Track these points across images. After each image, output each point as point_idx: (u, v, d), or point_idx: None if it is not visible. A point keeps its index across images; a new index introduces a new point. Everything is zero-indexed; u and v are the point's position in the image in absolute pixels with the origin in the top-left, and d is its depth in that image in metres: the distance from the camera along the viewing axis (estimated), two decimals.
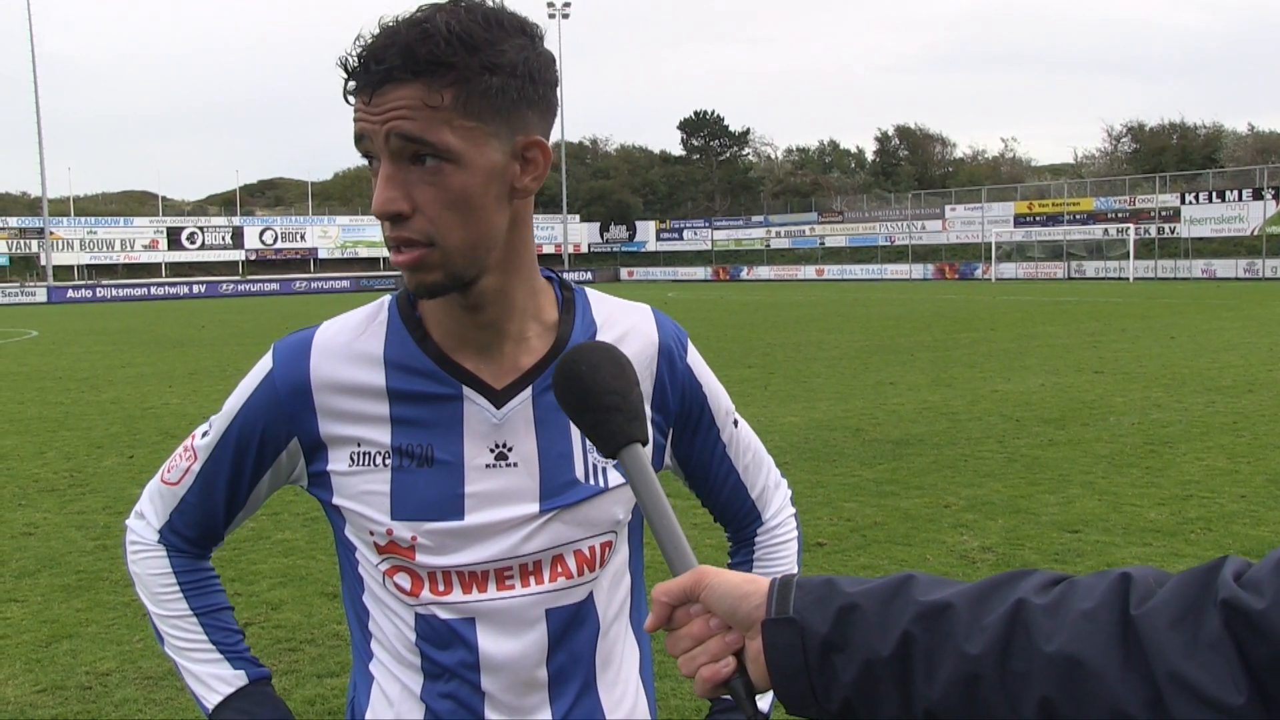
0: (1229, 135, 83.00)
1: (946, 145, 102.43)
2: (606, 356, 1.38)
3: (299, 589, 7.21)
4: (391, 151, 1.49)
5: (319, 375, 1.67)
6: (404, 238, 1.52)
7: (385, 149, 1.49)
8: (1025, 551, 7.67)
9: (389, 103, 1.47)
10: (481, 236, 1.56)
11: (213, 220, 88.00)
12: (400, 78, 1.46)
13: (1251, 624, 0.91)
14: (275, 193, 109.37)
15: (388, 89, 1.47)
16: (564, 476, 1.69)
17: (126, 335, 34.10)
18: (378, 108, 1.48)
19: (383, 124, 1.48)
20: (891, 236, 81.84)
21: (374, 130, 1.49)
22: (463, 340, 1.67)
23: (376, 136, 1.49)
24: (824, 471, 10.50)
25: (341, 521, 1.74)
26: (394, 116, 1.47)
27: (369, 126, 1.49)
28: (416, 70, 1.46)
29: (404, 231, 1.52)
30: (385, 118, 1.48)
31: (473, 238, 1.55)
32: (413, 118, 1.47)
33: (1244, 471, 10.04)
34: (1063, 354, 20.83)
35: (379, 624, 1.74)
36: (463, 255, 1.55)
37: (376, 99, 1.48)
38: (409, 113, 1.47)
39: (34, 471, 11.55)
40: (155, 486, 1.86)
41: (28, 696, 5.65)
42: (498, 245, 1.59)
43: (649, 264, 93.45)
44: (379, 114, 1.48)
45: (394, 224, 1.51)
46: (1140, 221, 67.99)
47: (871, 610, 1.09)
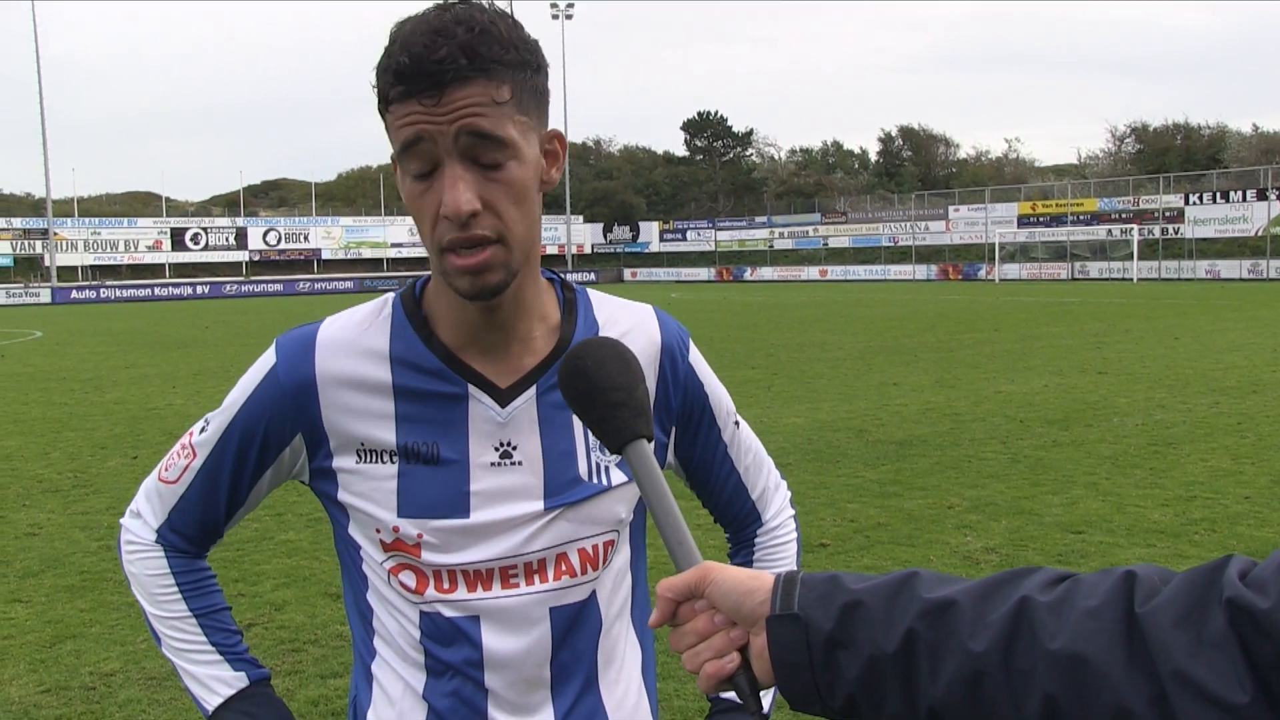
0: (1233, 135, 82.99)
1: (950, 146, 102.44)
2: (612, 352, 1.38)
3: (302, 590, 7.22)
4: (461, 150, 1.48)
5: (325, 370, 1.67)
6: (475, 236, 1.50)
7: (455, 149, 1.48)
8: (1029, 552, 7.67)
9: (458, 101, 1.46)
10: (533, 230, 1.59)
11: (216, 221, 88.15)
12: (466, 76, 1.45)
13: (1256, 623, 0.91)
14: (279, 193, 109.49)
15: (454, 88, 1.45)
16: (568, 475, 1.69)
17: (130, 336, 34.14)
18: (445, 108, 1.45)
19: (452, 123, 1.46)
20: (895, 237, 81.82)
21: (441, 130, 1.46)
22: (472, 339, 1.67)
23: (444, 137, 1.47)
24: (827, 472, 10.50)
25: (345, 519, 1.73)
26: (465, 114, 1.46)
27: (433, 127, 1.46)
28: (480, 67, 1.46)
29: (474, 230, 1.50)
30: (455, 116, 1.46)
31: (529, 232, 1.57)
32: (484, 114, 1.47)
33: (1248, 472, 10.03)
34: (1066, 355, 20.82)
35: (383, 622, 1.74)
36: (520, 250, 1.56)
37: (444, 100, 1.45)
38: (479, 110, 1.47)
39: (38, 472, 11.57)
40: (152, 485, 1.84)
41: (32, 697, 5.65)
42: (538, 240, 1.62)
43: (652, 265, 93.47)
44: (446, 114, 1.46)
45: (464, 224, 1.50)
46: (1144, 222, 67.93)
47: (876, 607, 1.09)
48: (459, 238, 1.50)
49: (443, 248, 1.52)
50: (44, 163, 74.27)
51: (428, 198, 1.51)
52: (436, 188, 1.50)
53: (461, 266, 1.52)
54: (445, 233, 1.51)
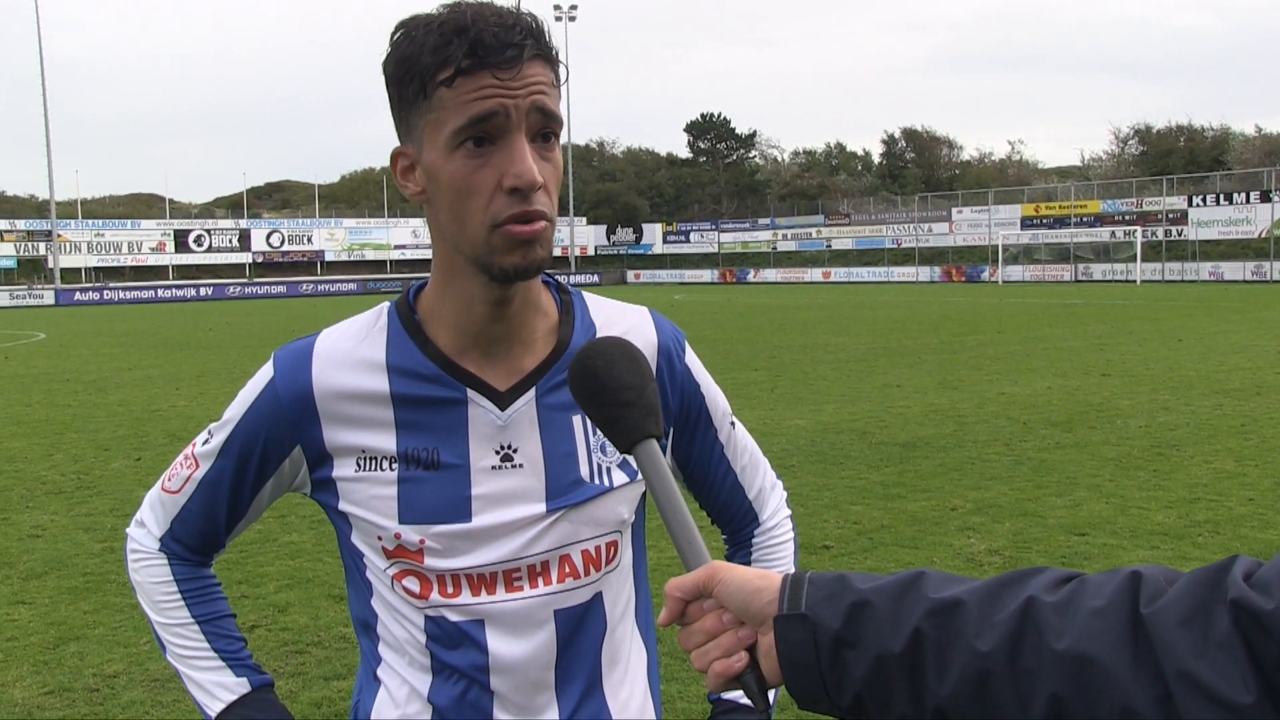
0: (1236, 137, 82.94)
1: (953, 148, 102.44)
2: (622, 352, 1.39)
3: (306, 591, 7.22)
4: (530, 125, 1.52)
5: (322, 383, 1.68)
6: (536, 211, 1.53)
7: (524, 122, 1.52)
8: (1032, 554, 7.66)
9: (530, 79, 1.51)
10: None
11: (220, 223, 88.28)
12: (536, 55, 1.52)
13: (1261, 624, 0.91)
14: (282, 195, 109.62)
15: (528, 65, 1.51)
16: (569, 476, 1.70)
17: (134, 338, 34.17)
18: (521, 82, 1.50)
19: (527, 97, 1.51)
20: (898, 239, 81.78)
21: (516, 104, 1.50)
22: (473, 341, 1.67)
23: (518, 110, 1.50)
24: (831, 474, 10.50)
25: (348, 527, 1.74)
26: (536, 91, 1.51)
27: (509, 100, 1.50)
28: (543, 52, 1.53)
29: (535, 205, 1.53)
30: (529, 91, 1.51)
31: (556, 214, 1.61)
32: (549, 94, 1.53)
33: (1252, 474, 10.02)
34: (1070, 356, 20.80)
35: (388, 627, 1.74)
36: (554, 231, 1.61)
37: (521, 74, 1.50)
38: (547, 88, 1.53)
39: (41, 473, 11.58)
40: (156, 495, 1.86)
41: (35, 698, 5.66)
42: None
43: (655, 266, 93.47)
44: (522, 87, 1.50)
45: (525, 198, 1.52)
46: (1147, 224, 67.87)
47: (883, 607, 1.09)
48: (521, 210, 1.52)
49: (497, 223, 1.53)
50: (48, 164, 74.55)
51: (484, 173, 1.52)
52: (496, 162, 1.52)
53: (520, 234, 1.53)
54: (505, 207, 1.52)
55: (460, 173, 1.53)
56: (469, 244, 1.57)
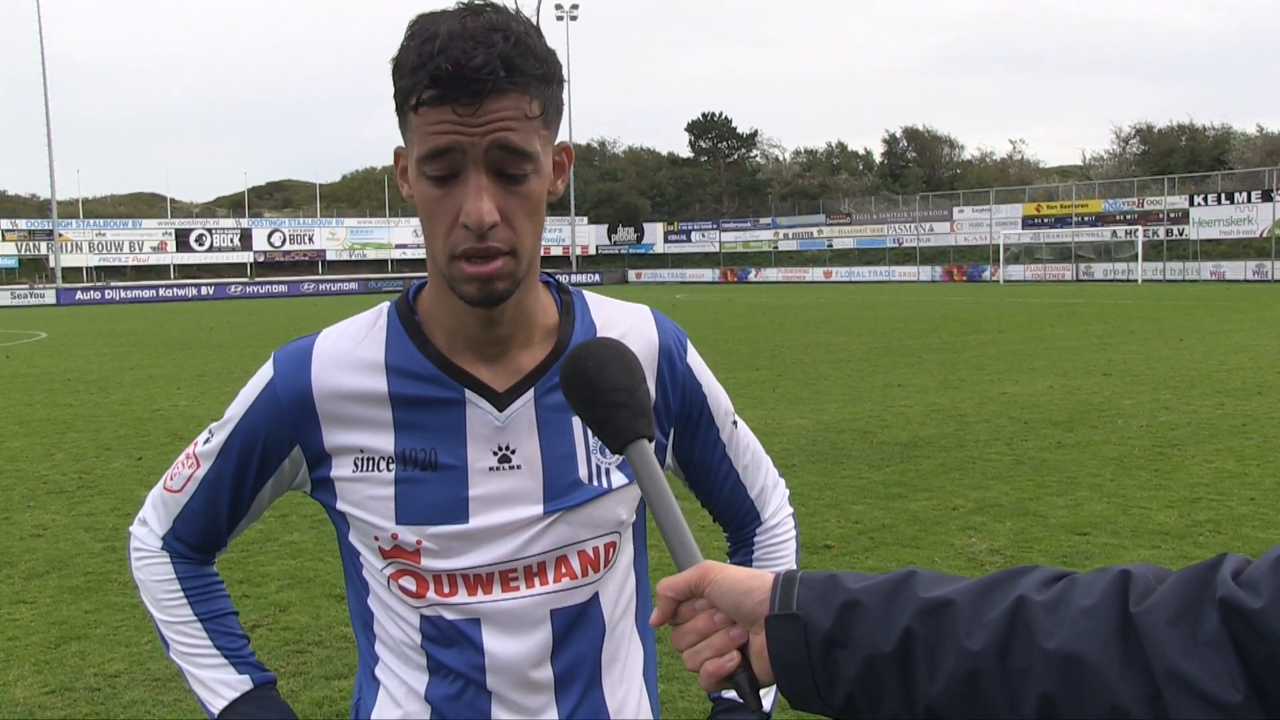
0: (1237, 137, 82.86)
1: (954, 147, 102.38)
2: (614, 353, 1.39)
3: (307, 591, 7.22)
4: (489, 163, 1.48)
5: (321, 383, 1.68)
6: (490, 249, 1.50)
7: (483, 160, 1.47)
8: (1034, 554, 7.66)
9: (493, 114, 1.45)
10: (539, 241, 1.60)
11: (221, 222, 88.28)
12: (503, 88, 1.44)
13: (1249, 622, 0.92)
14: (283, 195, 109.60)
15: (491, 100, 1.44)
16: (567, 478, 1.69)
17: (135, 337, 34.17)
18: (480, 119, 1.44)
19: (485, 135, 1.45)
20: (899, 238, 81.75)
21: (473, 142, 1.45)
22: (468, 344, 1.67)
23: (475, 148, 1.46)
24: (832, 474, 10.50)
25: (345, 527, 1.74)
26: (499, 128, 1.45)
27: (465, 139, 1.45)
28: (516, 81, 1.45)
29: (491, 242, 1.50)
30: (489, 129, 1.45)
31: (536, 243, 1.58)
32: (516, 129, 1.47)
33: (1253, 474, 10.02)
34: (1071, 356, 20.80)
35: (384, 626, 1.75)
36: (528, 261, 1.57)
37: (481, 110, 1.44)
38: (513, 124, 1.46)
39: (43, 473, 11.59)
40: (158, 494, 1.86)
41: (36, 698, 5.66)
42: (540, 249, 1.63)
43: (657, 266, 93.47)
44: (481, 125, 1.45)
45: (480, 236, 1.49)
46: (1149, 223, 67.84)
47: (874, 606, 1.10)
48: (474, 248, 1.50)
49: (454, 254, 1.52)
50: (49, 164, 74.55)
51: (446, 203, 1.51)
52: (456, 194, 1.50)
53: (473, 274, 1.52)
54: (461, 241, 1.51)
55: (425, 199, 1.53)
56: (436, 264, 1.58)
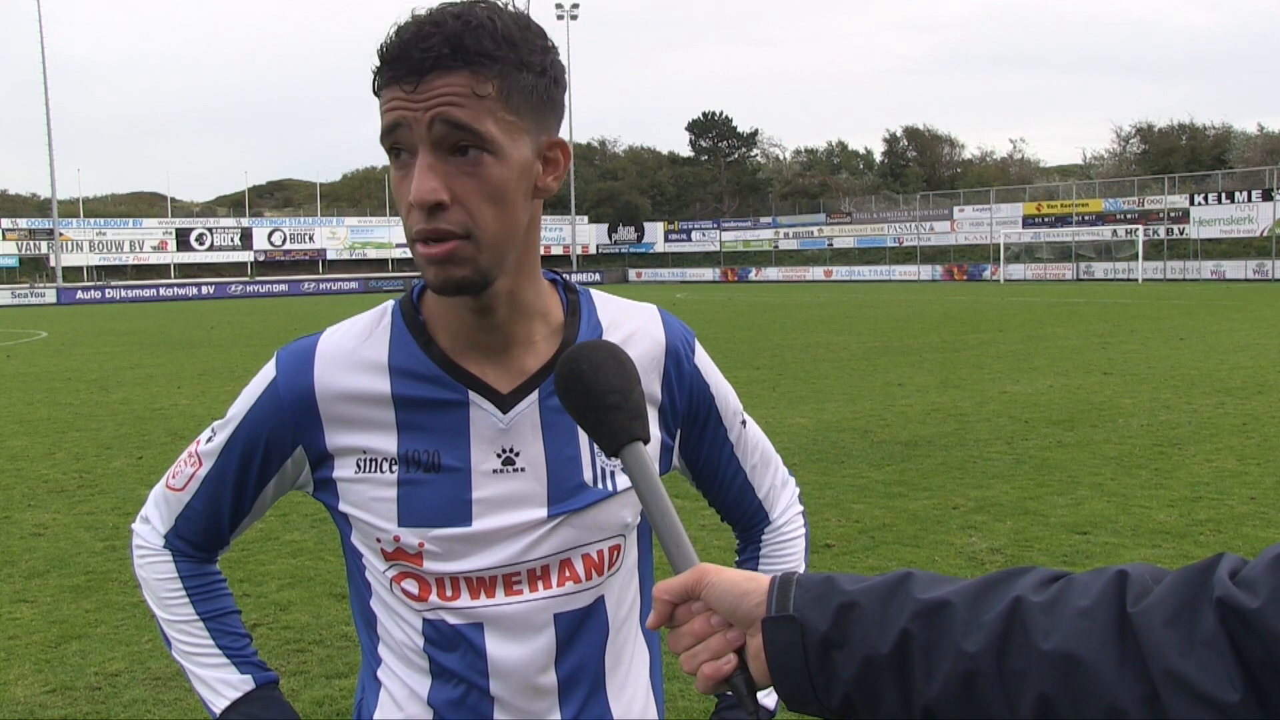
0: (1238, 136, 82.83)
1: (955, 146, 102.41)
2: (608, 355, 1.38)
3: (307, 590, 7.22)
4: (434, 139, 1.47)
5: (324, 384, 1.66)
6: (440, 229, 1.49)
7: (428, 137, 1.47)
8: (1034, 553, 7.66)
9: (436, 90, 1.45)
10: (510, 232, 1.56)
11: (221, 221, 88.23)
12: (448, 65, 1.45)
13: (1246, 622, 0.92)
14: (284, 194, 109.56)
15: (434, 77, 1.45)
16: (572, 481, 1.68)
17: (135, 336, 34.17)
18: (422, 94, 1.45)
19: (427, 110, 1.45)
20: (900, 238, 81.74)
21: (416, 118, 1.46)
22: (470, 344, 1.66)
23: (419, 124, 1.46)
24: (832, 473, 10.50)
25: (348, 528, 1.73)
26: (441, 103, 1.45)
27: (409, 114, 1.46)
28: (465, 59, 1.45)
29: (440, 223, 1.49)
30: (431, 104, 1.45)
31: (504, 232, 1.55)
32: (461, 104, 1.46)
33: (1254, 473, 10.02)
34: (1071, 355, 20.79)
35: (386, 628, 1.74)
36: (492, 250, 1.54)
37: (422, 87, 1.45)
38: (457, 99, 1.46)
39: (43, 472, 11.59)
40: (160, 492, 1.86)
41: (37, 697, 5.66)
42: (519, 244, 1.59)
43: (657, 265, 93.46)
44: (423, 100, 1.45)
45: (429, 215, 1.48)
46: (1149, 223, 67.82)
47: (871, 608, 1.10)
48: (425, 229, 1.50)
49: (412, 237, 1.53)
50: (49, 163, 74.60)
51: (403, 186, 1.51)
52: (411, 175, 1.50)
53: (426, 255, 1.51)
54: (416, 222, 1.50)
55: (393, 183, 1.54)
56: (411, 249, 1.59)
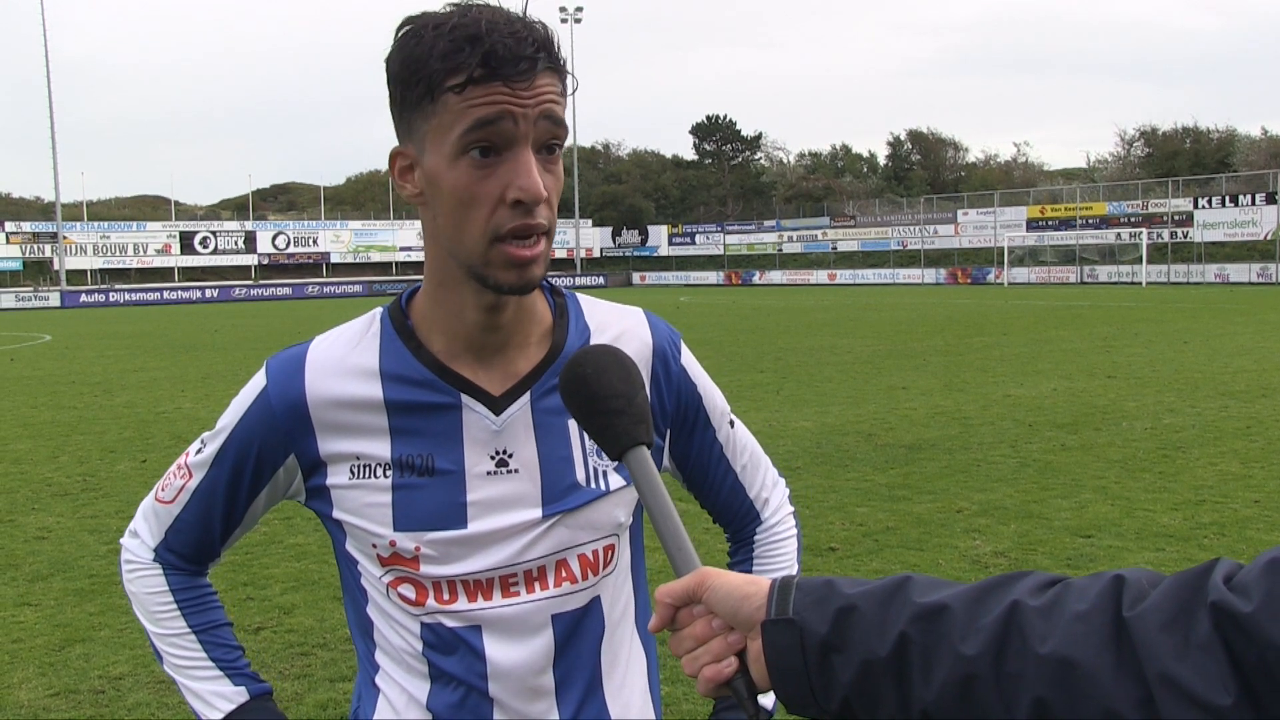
0: (1242, 139, 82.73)
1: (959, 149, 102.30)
2: (613, 360, 1.40)
3: (311, 593, 7.22)
4: (537, 135, 1.51)
5: (315, 392, 1.67)
6: (539, 225, 1.52)
7: (532, 132, 1.50)
8: (1038, 556, 7.65)
9: (541, 88, 1.50)
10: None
11: (225, 225, 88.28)
12: (548, 67, 1.51)
13: (1240, 626, 0.92)
14: (288, 197, 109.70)
15: (539, 76, 1.50)
16: (565, 481, 1.69)
17: (139, 340, 34.19)
18: (532, 91, 1.49)
19: (537, 106, 1.49)
20: (904, 241, 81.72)
21: (525, 113, 1.49)
22: (465, 346, 1.66)
23: (526, 119, 1.49)
24: (836, 476, 10.50)
25: (342, 535, 1.73)
26: (547, 100, 1.50)
27: (518, 109, 1.48)
28: (553, 63, 1.52)
29: (538, 219, 1.52)
30: (539, 100, 1.49)
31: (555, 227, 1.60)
32: (558, 103, 1.53)
33: (1258, 476, 10.01)
34: (1075, 358, 20.78)
35: (384, 634, 1.74)
36: (550, 245, 1.59)
37: (532, 84, 1.49)
38: (556, 98, 1.52)
39: (47, 476, 11.60)
40: (150, 505, 1.85)
41: (41, 700, 5.67)
42: None
43: (661, 268, 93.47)
44: (532, 97, 1.49)
45: (528, 212, 1.51)
46: (1153, 226, 67.80)
47: (870, 611, 1.10)
48: (523, 224, 1.51)
49: (498, 235, 1.52)
50: (53, 166, 74.63)
51: (488, 184, 1.50)
52: (501, 173, 1.50)
53: (517, 256, 1.52)
54: (507, 219, 1.51)
55: (463, 181, 1.51)
56: (466, 253, 1.55)
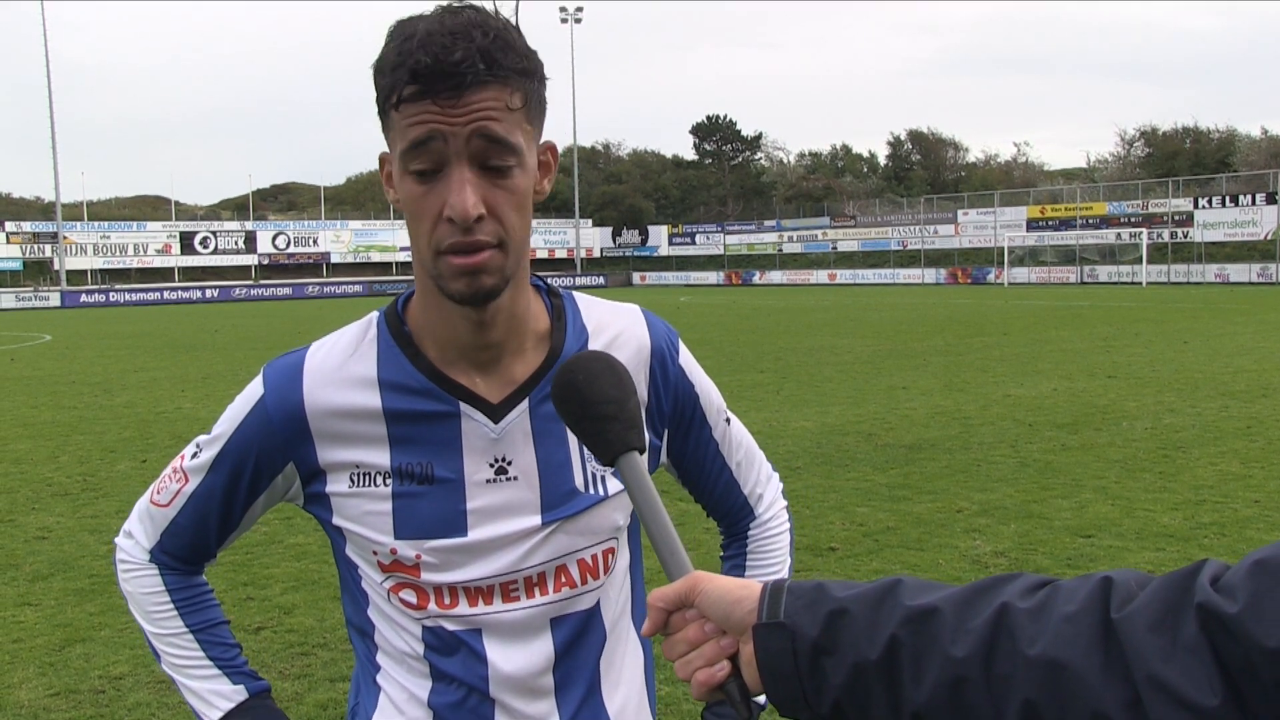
0: (1242, 139, 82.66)
1: (959, 149, 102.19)
2: (604, 366, 1.40)
3: (311, 593, 7.23)
4: (472, 153, 1.48)
5: (313, 401, 1.66)
6: (478, 241, 1.50)
7: (465, 151, 1.47)
8: (1038, 556, 7.65)
9: (474, 104, 1.46)
10: (528, 240, 1.59)
11: (225, 225, 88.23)
12: (484, 80, 1.45)
13: (1226, 627, 0.92)
14: (288, 197, 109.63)
15: (472, 91, 1.45)
16: (564, 487, 1.69)
17: (139, 340, 34.19)
18: (461, 109, 1.45)
19: (467, 124, 1.46)
20: (904, 241, 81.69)
21: (454, 132, 1.46)
22: (461, 354, 1.66)
23: (456, 138, 1.46)
24: (836, 476, 10.50)
25: (342, 541, 1.73)
26: (480, 117, 1.46)
27: (447, 128, 1.46)
28: (497, 73, 1.46)
29: (478, 235, 1.50)
30: (470, 118, 1.46)
31: (525, 238, 1.58)
32: (498, 119, 1.47)
33: (1258, 476, 10.01)
34: (1075, 359, 20.78)
35: (385, 636, 1.74)
36: (516, 257, 1.56)
37: (461, 101, 1.45)
38: (495, 114, 1.47)
39: (47, 475, 11.60)
40: (145, 507, 1.85)
41: (41, 700, 5.67)
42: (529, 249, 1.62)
43: (661, 268, 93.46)
44: (461, 115, 1.46)
45: (465, 229, 1.49)
46: (1153, 226, 67.78)
47: (860, 614, 1.11)
48: (460, 242, 1.50)
49: (439, 250, 1.52)
50: (53, 166, 74.66)
51: (429, 199, 1.50)
52: (439, 189, 1.49)
53: (459, 265, 1.51)
54: (446, 236, 1.50)
55: (409, 196, 1.53)
56: (422, 263, 1.57)
